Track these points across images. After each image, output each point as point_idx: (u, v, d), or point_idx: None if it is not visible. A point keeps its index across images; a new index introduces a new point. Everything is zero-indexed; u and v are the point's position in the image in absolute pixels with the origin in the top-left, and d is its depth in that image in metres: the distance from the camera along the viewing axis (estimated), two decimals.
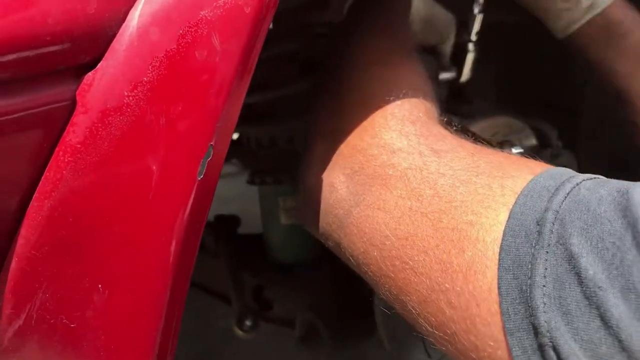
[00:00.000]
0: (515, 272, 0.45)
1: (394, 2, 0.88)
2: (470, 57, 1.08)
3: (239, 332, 1.05)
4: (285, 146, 1.10)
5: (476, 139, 0.87)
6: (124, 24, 0.47)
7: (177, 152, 0.48)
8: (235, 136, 1.23)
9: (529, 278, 0.44)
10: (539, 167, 0.52)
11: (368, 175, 0.60)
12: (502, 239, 0.47)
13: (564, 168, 0.52)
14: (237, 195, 2.66)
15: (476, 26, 1.05)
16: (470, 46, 1.07)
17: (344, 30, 0.91)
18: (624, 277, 0.40)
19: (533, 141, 1.06)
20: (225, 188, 2.94)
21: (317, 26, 1.08)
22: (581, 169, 1.15)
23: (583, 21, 0.93)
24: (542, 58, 1.30)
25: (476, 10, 1.03)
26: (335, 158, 0.66)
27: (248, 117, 1.12)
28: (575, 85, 1.16)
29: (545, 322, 0.43)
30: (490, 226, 0.48)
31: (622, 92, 0.94)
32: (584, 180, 0.48)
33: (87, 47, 0.46)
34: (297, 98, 1.12)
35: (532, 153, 1.06)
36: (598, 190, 0.45)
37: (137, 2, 0.48)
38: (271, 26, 1.07)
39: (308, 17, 1.06)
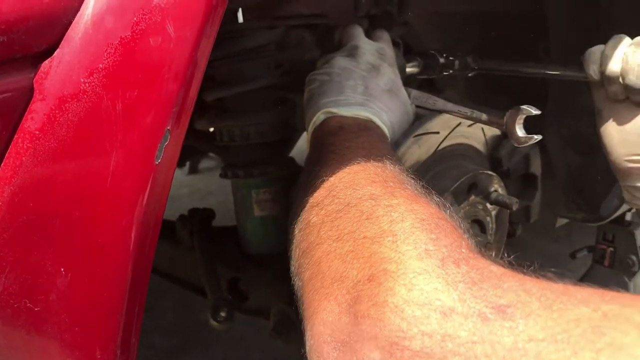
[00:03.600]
0: None
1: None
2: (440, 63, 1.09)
3: (214, 324, 1.07)
4: (256, 140, 1.11)
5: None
6: (79, 12, 0.49)
7: (134, 137, 0.50)
8: (210, 130, 1.24)
9: None
10: None
11: (415, 351, 0.42)
12: None
13: None
14: (217, 189, 2.68)
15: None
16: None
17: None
18: None
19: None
20: (204, 182, 2.96)
21: (288, 19, 1.10)
22: (550, 152, 1.18)
23: None
24: (511, 48, 1.32)
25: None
26: (355, 324, 0.46)
27: (220, 111, 1.14)
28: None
29: None
30: None
31: None
32: None
33: (43, 35, 0.48)
34: (268, 92, 1.13)
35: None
36: None
37: None
38: (241, 20, 1.10)
39: (277, 11, 1.08)
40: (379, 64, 0.94)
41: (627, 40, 0.81)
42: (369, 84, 0.89)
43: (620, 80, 0.80)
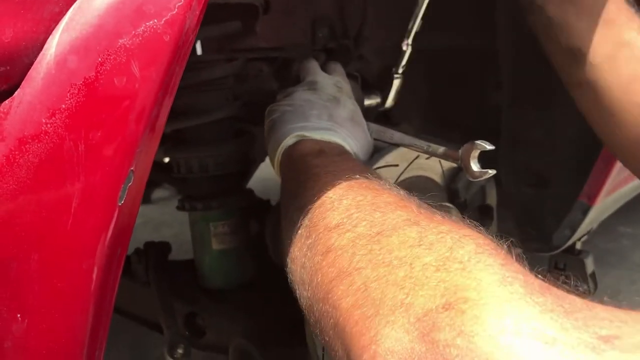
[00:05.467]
0: None
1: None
2: (395, 86, 1.12)
3: None
4: (215, 172, 1.10)
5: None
6: (41, 53, 0.48)
7: (97, 178, 0.49)
8: (165, 160, 1.22)
9: None
10: None
11: None
12: None
13: None
14: (172, 220, 2.63)
15: (404, 60, 1.08)
16: (396, 77, 1.11)
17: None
18: None
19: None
20: (159, 212, 2.90)
21: (246, 51, 1.10)
22: (503, 185, 1.21)
23: None
24: (464, 83, 1.36)
25: (405, 47, 1.06)
26: (436, 353, 0.42)
27: (178, 142, 1.13)
28: (492, 108, 1.22)
29: None
30: None
31: (575, 49, 0.93)
32: None
33: (3, 75, 0.46)
34: (227, 124, 1.13)
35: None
36: None
37: (54, 31, 0.48)
38: (200, 53, 1.10)
39: (236, 44, 1.08)
40: (339, 95, 0.95)
41: None
42: (332, 113, 0.90)
43: None
